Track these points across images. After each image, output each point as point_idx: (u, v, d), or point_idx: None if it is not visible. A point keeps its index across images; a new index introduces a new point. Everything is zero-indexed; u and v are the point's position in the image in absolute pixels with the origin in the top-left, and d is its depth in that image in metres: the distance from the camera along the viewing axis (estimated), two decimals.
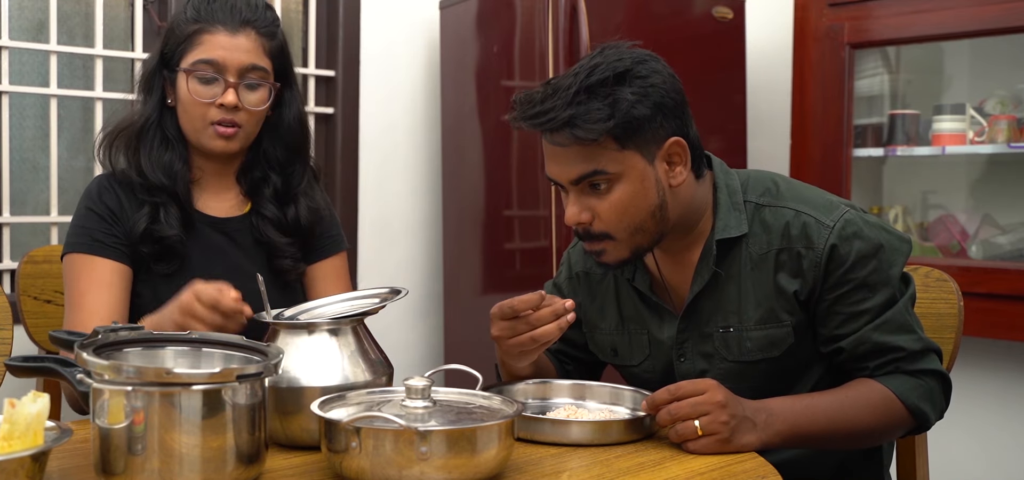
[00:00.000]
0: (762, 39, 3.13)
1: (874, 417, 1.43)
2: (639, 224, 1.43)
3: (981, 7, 2.52)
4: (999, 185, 2.90)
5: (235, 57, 1.63)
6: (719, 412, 1.32)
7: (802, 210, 1.47)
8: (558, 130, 1.38)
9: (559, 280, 1.70)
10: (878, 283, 1.44)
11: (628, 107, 1.37)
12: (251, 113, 1.66)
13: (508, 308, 1.41)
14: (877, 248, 1.44)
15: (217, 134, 1.64)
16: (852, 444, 1.48)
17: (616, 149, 1.38)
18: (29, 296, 1.88)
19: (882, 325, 1.44)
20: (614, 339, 1.61)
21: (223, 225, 1.72)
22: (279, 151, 1.74)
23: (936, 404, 1.47)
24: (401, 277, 3.11)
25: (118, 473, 1.06)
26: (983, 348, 2.69)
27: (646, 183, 1.41)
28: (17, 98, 2.52)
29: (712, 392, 1.33)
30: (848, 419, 1.42)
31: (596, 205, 1.42)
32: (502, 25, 2.84)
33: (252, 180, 1.74)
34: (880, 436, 1.48)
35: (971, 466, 2.77)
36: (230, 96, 1.62)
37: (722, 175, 1.52)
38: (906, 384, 1.44)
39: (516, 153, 2.80)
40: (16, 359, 1.15)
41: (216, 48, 1.63)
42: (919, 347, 1.45)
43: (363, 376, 1.32)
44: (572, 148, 1.38)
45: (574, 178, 1.41)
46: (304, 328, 1.32)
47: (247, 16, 1.65)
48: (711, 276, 1.49)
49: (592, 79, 1.37)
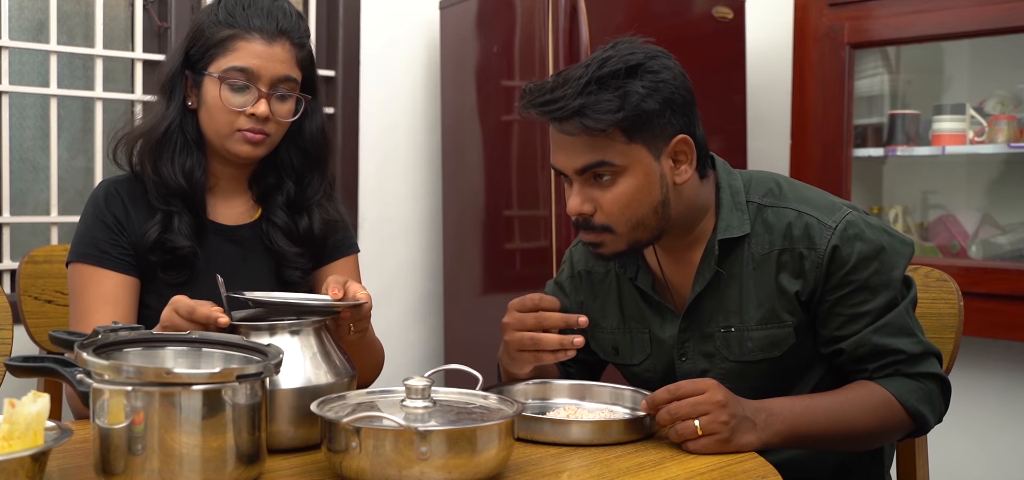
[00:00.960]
0: (762, 39, 3.13)
1: (873, 419, 1.43)
2: (640, 219, 1.43)
3: (981, 7, 2.52)
4: (999, 185, 2.90)
5: (270, 67, 1.59)
6: (719, 412, 1.32)
7: (804, 211, 1.47)
8: (567, 119, 1.38)
9: (561, 278, 1.70)
10: (879, 285, 1.44)
11: (638, 101, 1.37)
12: (280, 124, 1.64)
13: (529, 300, 1.45)
14: (879, 250, 1.44)
15: (244, 140, 1.61)
16: (851, 446, 1.48)
17: (623, 142, 1.39)
18: (30, 296, 1.88)
19: (882, 327, 1.44)
20: (615, 338, 1.62)
21: (233, 233, 1.69)
22: (296, 159, 1.71)
23: (935, 407, 1.47)
24: (401, 277, 3.11)
25: (118, 473, 1.06)
26: (983, 348, 2.69)
27: (650, 178, 1.42)
28: (17, 98, 2.52)
29: (712, 392, 1.33)
30: (847, 420, 1.42)
31: (599, 197, 1.42)
32: (502, 25, 2.84)
33: (265, 186, 1.71)
34: (879, 438, 1.48)
35: (971, 466, 2.77)
36: (262, 106, 1.59)
37: (725, 175, 1.52)
38: (906, 387, 1.44)
39: (516, 153, 2.80)
40: (16, 359, 1.14)
41: (251, 56, 1.59)
42: (919, 350, 1.45)
43: (325, 378, 1.30)
44: (580, 138, 1.39)
45: (579, 167, 1.41)
46: (265, 329, 1.30)
47: (284, 25, 1.61)
48: (713, 276, 1.49)
49: (604, 71, 1.38)
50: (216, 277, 1.39)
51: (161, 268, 1.62)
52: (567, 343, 1.44)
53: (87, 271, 1.60)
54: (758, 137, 3.14)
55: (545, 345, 1.44)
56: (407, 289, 3.14)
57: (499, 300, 3.05)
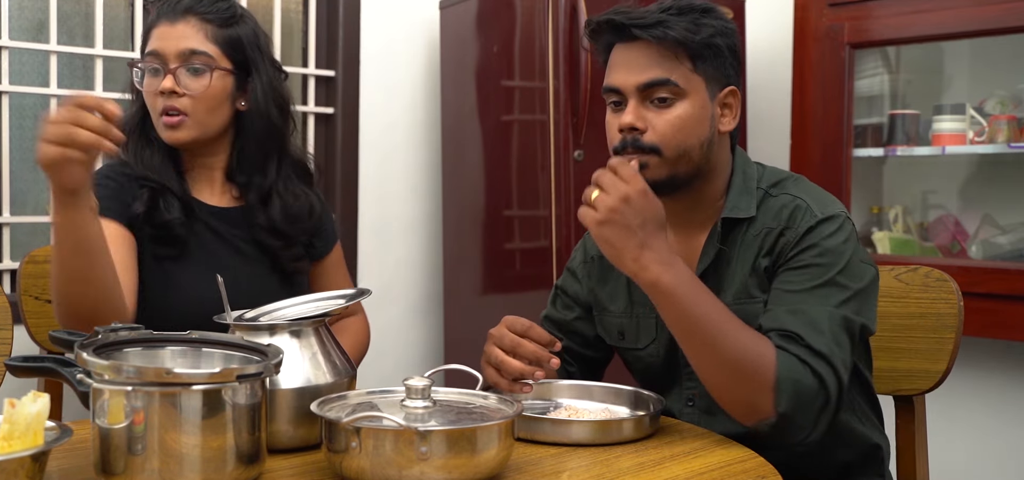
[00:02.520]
0: (762, 39, 3.13)
1: (743, 357, 1.35)
2: (687, 149, 1.47)
3: (981, 7, 2.52)
4: (999, 185, 2.90)
5: (172, 44, 1.65)
6: (618, 203, 1.35)
7: (800, 197, 1.49)
8: (650, 27, 1.45)
9: (573, 264, 1.72)
10: (825, 282, 1.41)
11: (711, 33, 1.47)
12: (195, 100, 1.66)
13: (520, 324, 1.45)
14: (842, 256, 1.43)
15: (165, 124, 1.66)
16: (704, 363, 1.39)
17: (689, 68, 1.46)
18: (31, 296, 1.88)
19: (799, 314, 1.39)
20: (622, 322, 1.63)
21: (223, 214, 1.74)
22: (252, 148, 1.74)
23: (803, 405, 1.35)
24: (401, 277, 3.11)
25: (118, 473, 1.06)
26: (983, 348, 2.69)
27: (704, 111, 1.48)
28: (17, 98, 2.52)
29: (632, 185, 1.36)
30: (720, 334, 1.36)
31: (653, 118, 1.47)
32: (502, 25, 2.84)
33: (239, 184, 1.76)
34: (734, 380, 1.37)
35: (971, 466, 2.77)
36: (168, 81, 1.64)
37: (741, 161, 1.56)
38: (791, 363, 1.36)
39: (516, 153, 2.80)
40: (16, 359, 1.14)
41: (157, 39, 1.67)
42: (824, 351, 1.37)
43: (325, 378, 1.30)
44: (651, 52, 1.46)
45: (644, 82, 1.46)
46: (265, 330, 1.31)
47: (189, 4, 1.68)
48: (716, 254, 1.51)
49: (683, 3, 1.48)
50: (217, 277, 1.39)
51: (153, 242, 1.66)
52: (524, 381, 1.43)
53: None
54: (758, 137, 3.14)
55: (508, 369, 1.44)
56: (407, 289, 3.14)
57: (499, 300, 3.06)
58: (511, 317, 1.48)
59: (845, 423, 1.54)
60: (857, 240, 1.48)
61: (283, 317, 1.36)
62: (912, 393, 1.73)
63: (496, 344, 1.46)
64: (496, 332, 1.48)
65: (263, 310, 1.42)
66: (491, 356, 1.46)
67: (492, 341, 1.47)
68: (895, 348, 1.74)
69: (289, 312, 1.40)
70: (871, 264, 1.49)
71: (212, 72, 1.66)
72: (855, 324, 1.42)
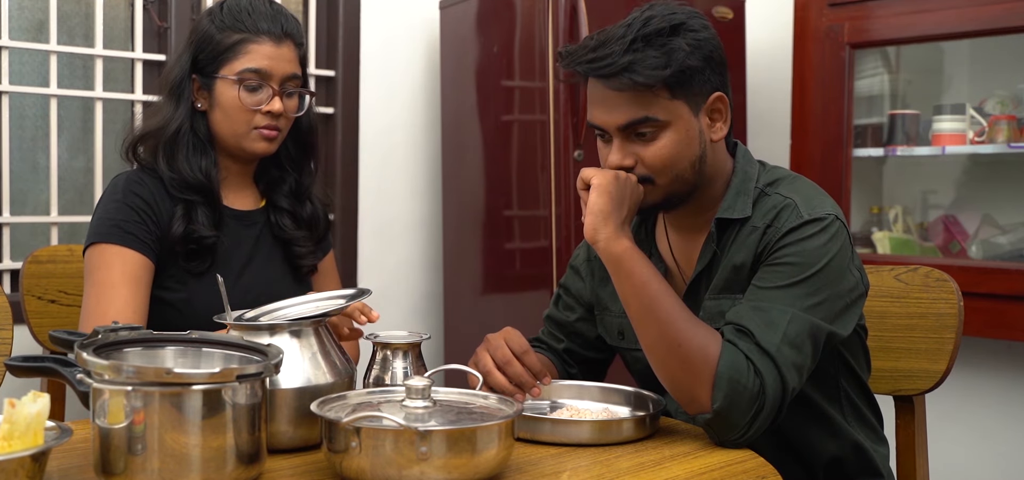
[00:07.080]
0: (762, 39, 3.13)
1: (688, 346, 1.36)
2: (680, 172, 1.47)
3: (981, 7, 2.52)
4: (999, 185, 2.90)
5: (280, 66, 1.73)
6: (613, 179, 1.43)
7: (791, 196, 1.48)
8: (616, 75, 1.42)
9: (576, 262, 1.72)
10: (796, 282, 1.40)
11: (683, 57, 1.42)
12: (289, 119, 1.77)
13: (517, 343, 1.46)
14: (823, 260, 1.41)
15: (261, 137, 1.74)
16: (652, 342, 1.40)
17: (667, 98, 1.44)
18: (33, 296, 1.88)
19: (760, 312, 1.38)
20: (622, 322, 1.63)
21: (246, 218, 1.80)
22: (295, 151, 1.85)
23: (738, 404, 1.33)
24: (401, 276, 3.11)
25: (118, 473, 1.06)
26: (983, 348, 2.69)
27: (690, 133, 1.46)
28: (17, 98, 2.52)
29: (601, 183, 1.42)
30: (670, 320, 1.37)
31: (640, 151, 1.46)
32: (502, 25, 2.84)
33: (270, 178, 1.84)
34: (679, 368, 1.37)
35: (971, 466, 2.77)
36: (277, 104, 1.72)
37: (743, 161, 1.55)
38: (735, 359, 1.34)
39: (516, 153, 2.80)
40: (16, 359, 1.15)
41: (263, 58, 1.71)
42: (772, 351, 1.35)
43: (325, 378, 1.31)
44: (626, 94, 1.43)
45: (623, 123, 1.45)
46: (265, 330, 1.31)
47: (288, 28, 1.75)
48: (712, 255, 1.51)
49: (648, 29, 1.42)
50: (217, 277, 1.40)
51: (185, 258, 1.71)
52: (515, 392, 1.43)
53: (111, 250, 1.65)
54: (758, 137, 3.14)
55: (493, 384, 1.44)
56: (407, 289, 3.13)
57: (499, 300, 3.06)
58: (512, 332, 1.48)
59: (830, 415, 1.54)
60: (849, 245, 1.46)
61: (283, 317, 1.37)
62: (912, 393, 1.73)
63: (490, 352, 1.46)
64: (494, 340, 1.47)
65: (263, 310, 1.42)
66: (480, 361, 1.47)
67: (487, 347, 1.47)
68: (895, 348, 1.75)
69: (289, 312, 1.40)
70: (860, 271, 1.48)
71: (301, 95, 1.79)
72: (822, 330, 1.40)
